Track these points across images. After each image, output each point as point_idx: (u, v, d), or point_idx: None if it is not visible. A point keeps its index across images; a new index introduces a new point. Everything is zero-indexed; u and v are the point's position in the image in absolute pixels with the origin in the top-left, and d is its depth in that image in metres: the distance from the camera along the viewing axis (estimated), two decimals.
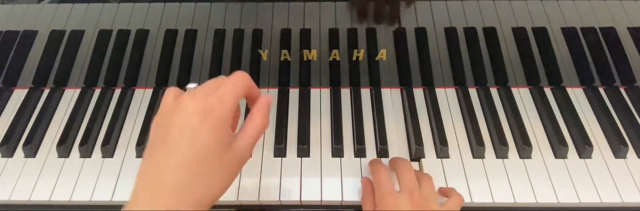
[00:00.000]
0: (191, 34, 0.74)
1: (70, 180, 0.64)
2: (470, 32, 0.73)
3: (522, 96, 0.73)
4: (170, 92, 0.48)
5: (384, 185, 0.57)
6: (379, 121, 0.69)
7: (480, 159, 0.66)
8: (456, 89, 0.75)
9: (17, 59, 0.75)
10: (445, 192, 0.60)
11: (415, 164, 0.66)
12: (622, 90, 0.73)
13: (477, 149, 0.66)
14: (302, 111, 0.71)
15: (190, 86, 0.49)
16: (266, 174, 0.64)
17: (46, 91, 0.75)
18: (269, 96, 0.49)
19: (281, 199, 0.62)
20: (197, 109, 0.44)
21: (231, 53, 0.74)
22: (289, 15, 0.72)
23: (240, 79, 0.47)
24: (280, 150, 0.67)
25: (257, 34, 0.73)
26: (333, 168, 0.65)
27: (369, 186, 0.60)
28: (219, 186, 0.45)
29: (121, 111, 0.72)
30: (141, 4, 0.72)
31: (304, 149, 0.66)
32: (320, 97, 0.74)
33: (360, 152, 0.66)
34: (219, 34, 0.73)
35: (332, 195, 0.62)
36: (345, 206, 0.63)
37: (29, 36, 0.74)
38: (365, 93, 0.74)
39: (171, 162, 0.43)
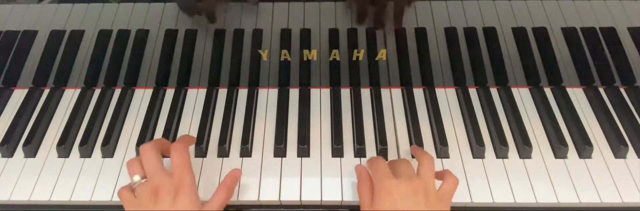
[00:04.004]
0: (191, 34, 0.74)
1: (70, 180, 0.64)
2: (470, 32, 0.73)
3: (522, 96, 0.74)
4: (125, 191, 0.56)
5: (381, 169, 0.56)
6: (379, 121, 0.70)
7: (480, 159, 0.66)
8: (456, 89, 0.75)
9: (17, 59, 0.75)
10: (440, 175, 0.59)
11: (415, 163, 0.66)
12: (622, 90, 0.73)
13: (477, 149, 0.66)
14: (302, 111, 0.71)
15: (136, 179, 0.56)
16: (266, 175, 0.64)
17: (46, 91, 0.75)
18: (238, 171, 0.62)
19: (281, 199, 0.62)
20: (169, 191, 0.53)
21: (231, 53, 0.74)
22: (289, 15, 0.72)
23: (184, 151, 0.57)
24: (280, 150, 0.67)
25: (257, 34, 0.73)
26: (333, 168, 0.65)
27: (365, 173, 0.60)
28: None
29: (121, 111, 0.72)
30: (141, 4, 0.72)
31: (304, 149, 0.66)
32: (320, 97, 0.74)
33: (360, 152, 0.66)
34: (219, 34, 0.74)
35: (332, 195, 0.62)
36: (345, 206, 0.63)
37: (29, 36, 0.74)
38: (365, 93, 0.74)
39: None
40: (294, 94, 0.74)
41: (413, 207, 0.52)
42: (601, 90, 0.73)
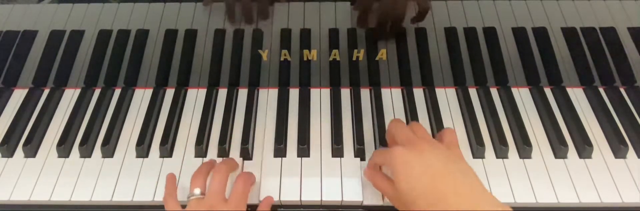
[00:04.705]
0: (191, 34, 0.74)
1: (70, 180, 0.64)
2: (470, 32, 0.73)
3: (522, 96, 0.74)
4: (172, 200, 0.59)
5: (399, 135, 0.57)
6: (379, 121, 0.69)
7: (481, 159, 0.66)
8: (456, 89, 0.75)
9: (17, 59, 0.75)
10: (440, 135, 0.60)
11: None
12: (622, 90, 0.73)
13: (477, 149, 0.66)
14: (302, 111, 0.71)
15: (197, 192, 0.58)
16: (266, 174, 0.64)
17: (46, 91, 0.75)
18: (270, 197, 0.62)
19: (281, 199, 0.62)
20: None
21: (231, 53, 0.74)
22: (289, 15, 0.72)
23: (247, 183, 0.60)
24: (280, 150, 0.67)
25: (257, 34, 0.73)
26: (333, 168, 0.65)
27: (371, 165, 0.61)
28: None
29: (121, 111, 0.72)
30: (141, 4, 0.72)
31: (304, 149, 0.66)
32: (320, 97, 0.74)
33: (360, 152, 0.66)
34: (219, 34, 0.73)
35: (332, 195, 0.62)
36: (345, 206, 0.63)
37: (29, 36, 0.74)
38: (365, 93, 0.74)
39: None
40: (294, 94, 0.74)
41: (434, 162, 0.52)
42: (601, 90, 0.73)
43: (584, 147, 0.65)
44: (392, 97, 0.74)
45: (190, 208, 0.57)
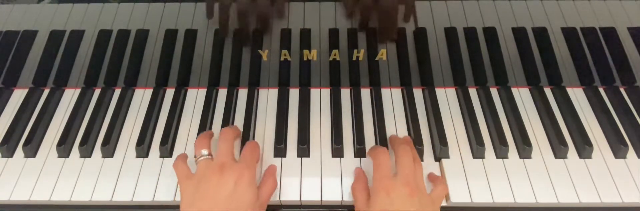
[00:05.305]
0: (191, 34, 0.74)
1: (70, 180, 0.64)
2: (470, 32, 0.73)
3: (522, 96, 0.74)
4: (182, 163, 0.59)
5: (383, 167, 0.58)
6: (379, 121, 0.70)
7: (480, 159, 0.66)
8: (456, 89, 0.75)
9: (17, 59, 0.75)
10: (432, 178, 0.63)
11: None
12: (622, 90, 0.73)
13: (477, 149, 0.66)
14: (302, 111, 0.71)
15: (204, 152, 0.58)
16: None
17: (46, 91, 0.75)
18: (274, 165, 0.64)
19: (281, 199, 0.62)
20: (234, 171, 0.55)
21: (231, 53, 0.74)
22: (289, 15, 0.72)
23: (256, 148, 0.61)
24: (280, 150, 0.67)
25: (257, 34, 0.73)
26: (333, 168, 0.65)
27: (362, 174, 0.62)
28: None
29: (121, 111, 0.72)
30: (141, 4, 0.72)
31: (304, 149, 0.66)
32: (320, 97, 0.74)
33: (360, 152, 0.66)
34: (219, 34, 0.73)
35: (332, 195, 0.62)
36: (345, 206, 0.63)
37: (29, 36, 0.74)
38: (365, 93, 0.74)
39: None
40: (294, 94, 0.74)
41: (408, 208, 0.54)
42: (601, 90, 0.73)
43: (584, 147, 0.65)
44: (392, 98, 0.74)
45: (200, 168, 0.56)
